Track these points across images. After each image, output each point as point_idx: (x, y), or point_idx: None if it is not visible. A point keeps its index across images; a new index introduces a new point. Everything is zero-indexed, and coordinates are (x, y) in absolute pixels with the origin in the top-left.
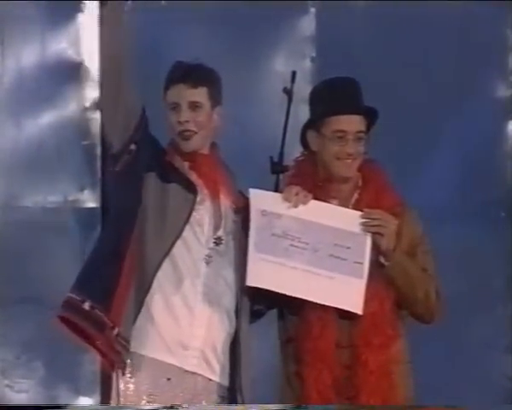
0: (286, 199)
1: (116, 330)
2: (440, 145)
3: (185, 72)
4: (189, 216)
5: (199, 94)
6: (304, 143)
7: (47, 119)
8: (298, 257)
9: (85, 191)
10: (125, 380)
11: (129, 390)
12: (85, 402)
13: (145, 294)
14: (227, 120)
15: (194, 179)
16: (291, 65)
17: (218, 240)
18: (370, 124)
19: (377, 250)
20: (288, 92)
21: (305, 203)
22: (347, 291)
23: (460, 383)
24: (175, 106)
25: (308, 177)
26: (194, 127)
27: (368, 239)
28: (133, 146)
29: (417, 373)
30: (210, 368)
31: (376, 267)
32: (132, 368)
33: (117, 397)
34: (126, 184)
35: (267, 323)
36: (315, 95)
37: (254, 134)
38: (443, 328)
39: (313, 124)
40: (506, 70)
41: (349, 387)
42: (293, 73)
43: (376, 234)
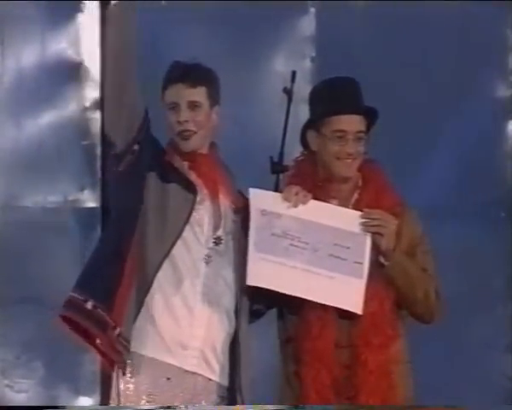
0: (286, 199)
1: (118, 330)
2: (440, 145)
3: (184, 71)
4: (189, 216)
5: (198, 93)
6: (304, 143)
7: (47, 119)
8: (298, 257)
9: (85, 191)
10: (125, 380)
11: (128, 390)
12: (85, 402)
13: (145, 294)
14: (227, 120)
15: (193, 179)
16: (291, 65)
17: (218, 240)
18: (370, 124)
19: (377, 250)
20: (288, 92)
21: (305, 203)
22: (347, 291)
23: (460, 383)
24: (174, 106)
25: (308, 177)
26: (193, 127)
27: (368, 239)
28: (136, 146)
29: (417, 373)
30: (209, 368)
31: (376, 267)
32: (132, 368)
33: (117, 397)
34: (129, 184)
35: (267, 323)
36: (315, 95)
37: (254, 134)
38: (443, 328)
39: (313, 124)
40: (506, 70)
41: (348, 387)
42: (293, 73)
43: (376, 234)
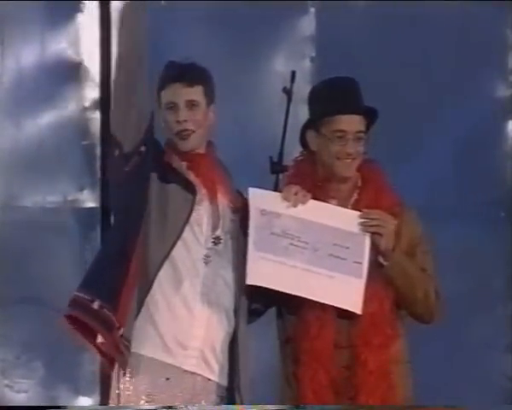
0: (285, 198)
1: (121, 330)
2: (440, 145)
3: (180, 71)
4: (189, 216)
5: (195, 92)
6: (303, 143)
7: (47, 119)
8: (297, 256)
9: (85, 191)
10: (125, 380)
11: (128, 390)
12: (85, 402)
13: (146, 294)
14: (227, 120)
15: (192, 179)
16: (291, 65)
17: (217, 240)
18: (370, 124)
19: (376, 250)
20: (288, 92)
21: (305, 203)
22: (347, 291)
23: (460, 383)
24: (172, 105)
25: (307, 177)
26: (192, 126)
27: (367, 239)
28: (143, 148)
29: (417, 373)
30: (209, 368)
31: (376, 267)
32: (131, 368)
33: (116, 397)
34: (135, 185)
35: (266, 323)
36: (314, 95)
37: (254, 134)
38: (443, 328)
39: (313, 124)
40: (506, 70)
41: (348, 387)
42: (292, 73)
43: (375, 234)
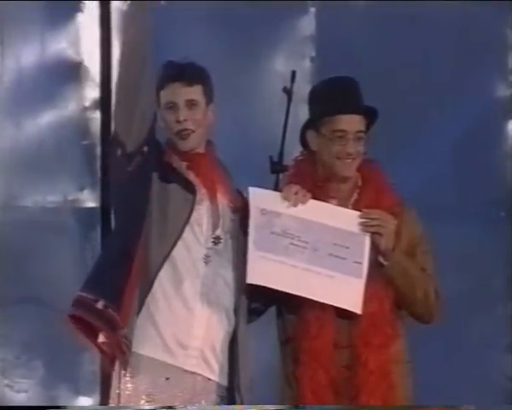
0: (285, 198)
1: (124, 330)
2: (440, 145)
3: (179, 70)
4: (189, 216)
5: (194, 92)
6: (303, 143)
7: (47, 118)
8: (298, 256)
9: (85, 191)
10: (125, 380)
11: (128, 390)
12: (85, 402)
13: (146, 294)
14: (227, 120)
15: (192, 179)
16: (291, 65)
17: (217, 239)
18: (370, 123)
19: (376, 250)
20: (288, 92)
21: (305, 202)
22: (347, 290)
23: (460, 383)
24: (172, 105)
25: (307, 176)
26: (191, 126)
27: (367, 239)
28: (146, 148)
29: (417, 373)
30: (209, 368)
31: (376, 267)
32: (131, 368)
33: (116, 397)
34: (137, 185)
35: (266, 322)
36: (314, 94)
37: (254, 134)
38: (443, 328)
39: (313, 123)
40: (506, 70)
41: (348, 387)
42: (292, 73)
43: (375, 234)
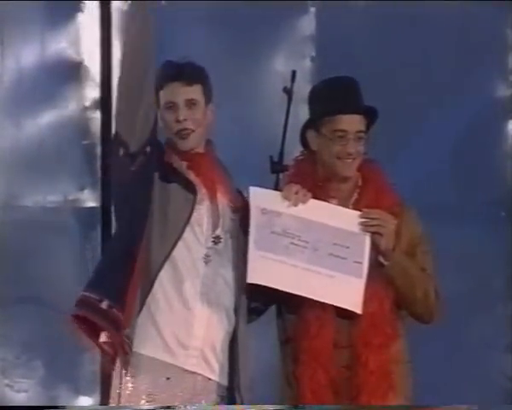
0: (286, 197)
1: (127, 330)
2: (440, 144)
3: (178, 70)
4: (190, 216)
5: (194, 91)
6: (304, 143)
7: (47, 118)
8: (298, 255)
9: (85, 191)
10: (125, 380)
11: (128, 390)
12: (85, 402)
13: (147, 294)
14: (227, 120)
15: (192, 179)
16: (291, 64)
17: (217, 239)
18: (370, 123)
19: (376, 250)
20: (288, 92)
21: (305, 202)
22: (347, 290)
23: (460, 382)
24: (171, 105)
25: (308, 176)
26: (191, 125)
27: (367, 239)
28: (148, 148)
29: (417, 373)
30: (209, 367)
31: (376, 267)
32: (132, 368)
33: (116, 397)
34: (140, 185)
35: (266, 322)
36: (315, 94)
37: (254, 134)
38: (443, 328)
39: (313, 123)
40: (506, 70)
41: (349, 387)
42: (293, 73)
43: (375, 234)
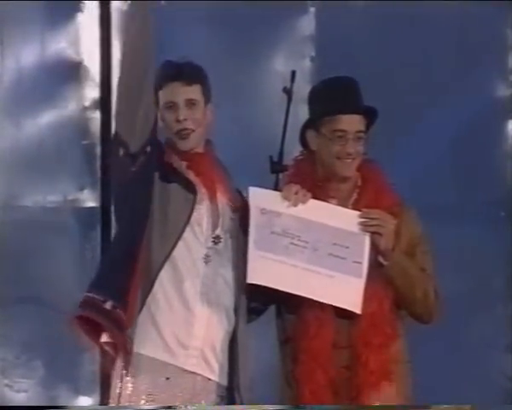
0: (285, 198)
1: (129, 330)
2: (440, 144)
3: (178, 70)
4: (190, 216)
5: (194, 91)
6: (303, 143)
7: (46, 118)
8: (298, 255)
9: (85, 191)
10: (125, 380)
11: (128, 390)
12: (85, 402)
13: (147, 294)
14: (227, 120)
15: (192, 179)
16: (291, 64)
17: (217, 239)
18: (370, 123)
19: (376, 250)
20: (288, 92)
21: (305, 202)
22: (346, 290)
23: (460, 382)
24: (171, 105)
25: (307, 176)
26: (191, 125)
27: (367, 239)
28: (149, 148)
29: (417, 373)
30: (209, 367)
31: (375, 267)
32: (132, 368)
33: (116, 397)
34: (141, 185)
35: (266, 322)
36: (314, 94)
37: (254, 134)
38: (443, 328)
39: (313, 123)
40: (506, 69)
41: (349, 387)
42: (292, 73)
43: (375, 234)
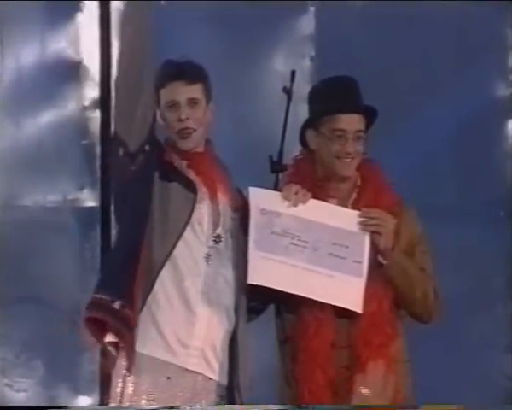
0: (285, 198)
1: (135, 329)
2: (440, 144)
3: (179, 69)
4: (191, 215)
5: (195, 90)
6: (303, 142)
7: (46, 118)
8: (298, 255)
9: (85, 190)
10: (126, 379)
11: (129, 390)
12: (85, 402)
13: (148, 294)
14: (227, 120)
15: (193, 178)
16: (290, 64)
17: (218, 238)
18: (369, 123)
19: (376, 249)
20: (288, 91)
21: (305, 202)
22: (347, 290)
23: (459, 382)
24: (173, 104)
25: (307, 176)
26: (193, 124)
27: (366, 238)
28: (147, 147)
29: (417, 373)
30: (210, 367)
31: (375, 267)
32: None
33: (117, 397)
34: (141, 184)
35: (266, 322)
36: (314, 94)
37: (254, 133)
38: (443, 327)
39: (312, 123)
40: (505, 69)
41: (348, 387)
42: (292, 73)
43: (375, 233)
